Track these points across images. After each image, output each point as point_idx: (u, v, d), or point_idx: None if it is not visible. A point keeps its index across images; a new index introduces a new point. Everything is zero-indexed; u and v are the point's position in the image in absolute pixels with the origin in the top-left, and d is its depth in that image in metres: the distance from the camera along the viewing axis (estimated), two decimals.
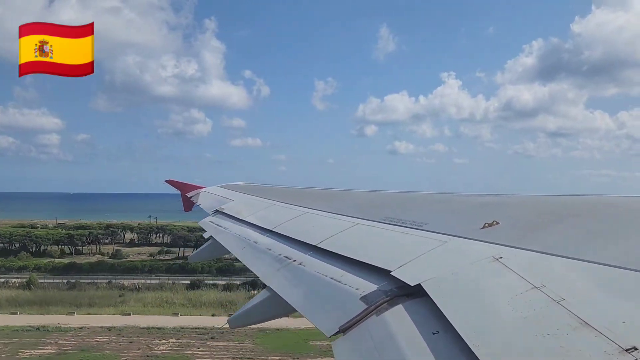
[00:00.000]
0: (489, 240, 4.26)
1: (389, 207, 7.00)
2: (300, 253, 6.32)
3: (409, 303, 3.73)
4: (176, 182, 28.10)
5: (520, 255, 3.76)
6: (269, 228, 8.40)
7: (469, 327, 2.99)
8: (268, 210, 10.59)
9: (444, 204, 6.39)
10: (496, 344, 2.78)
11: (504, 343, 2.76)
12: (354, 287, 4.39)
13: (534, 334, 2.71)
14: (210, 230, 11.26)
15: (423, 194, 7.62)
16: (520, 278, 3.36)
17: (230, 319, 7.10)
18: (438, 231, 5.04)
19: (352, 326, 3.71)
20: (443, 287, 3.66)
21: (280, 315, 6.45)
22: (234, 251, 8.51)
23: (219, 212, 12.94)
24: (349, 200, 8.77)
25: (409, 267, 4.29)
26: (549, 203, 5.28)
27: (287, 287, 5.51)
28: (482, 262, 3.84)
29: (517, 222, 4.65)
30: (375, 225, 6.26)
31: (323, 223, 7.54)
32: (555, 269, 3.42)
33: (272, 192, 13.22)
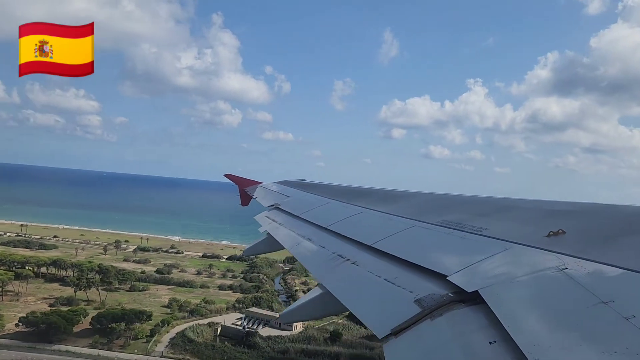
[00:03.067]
0: (554, 249, 4.06)
1: (447, 210, 6.83)
2: (355, 252, 6.29)
3: (465, 309, 3.61)
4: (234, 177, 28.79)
5: (588, 267, 3.55)
6: (324, 226, 8.42)
7: (529, 340, 2.85)
8: (323, 207, 10.62)
9: (507, 209, 6.15)
10: (557, 359, 2.64)
11: (566, 359, 2.62)
12: (408, 290, 4.32)
13: (600, 352, 2.55)
14: (266, 225, 11.44)
15: (483, 198, 7.38)
16: (587, 291, 3.17)
17: (282, 314, 7.20)
18: (499, 237, 4.86)
19: (405, 329, 3.65)
20: (502, 296, 3.52)
21: (331, 313, 6.46)
22: (289, 247, 8.59)
23: (275, 207, 13.13)
24: (405, 201, 8.64)
25: (467, 272, 4.16)
26: (620, 213, 4.96)
27: (340, 286, 5.49)
28: (546, 272, 3.66)
29: (585, 231, 4.40)
30: (432, 228, 6.12)
31: (378, 223, 7.46)
32: (625, 283, 3.20)
33: (328, 190, 13.25)
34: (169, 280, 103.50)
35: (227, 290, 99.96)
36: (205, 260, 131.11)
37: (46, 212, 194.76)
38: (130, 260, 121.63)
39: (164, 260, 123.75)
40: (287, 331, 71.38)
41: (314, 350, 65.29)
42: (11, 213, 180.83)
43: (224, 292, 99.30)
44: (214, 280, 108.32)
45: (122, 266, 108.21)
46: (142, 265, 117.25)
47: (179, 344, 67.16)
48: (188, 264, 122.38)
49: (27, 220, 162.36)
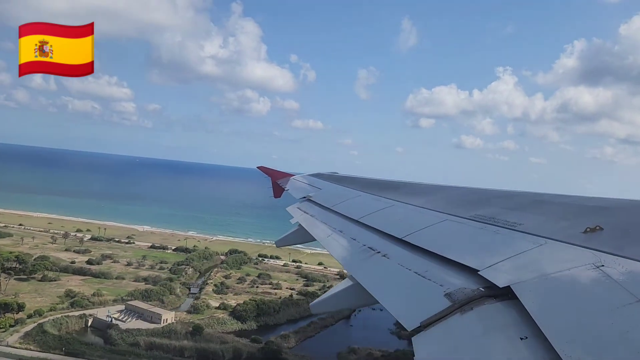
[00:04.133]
0: (591, 246, 3.97)
1: (480, 204, 6.74)
2: (386, 245, 6.29)
3: (497, 305, 3.58)
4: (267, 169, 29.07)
5: (625, 265, 3.46)
6: (355, 218, 8.43)
7: (562, 336, 2.81)
8: (355, 200, 10.62)
9: (541, 204, 6.02)
10: (591, 357, 2.59)
11: (600, 358, 2.57)
12: (439, 284, 4.30)
13: (635, 351, 2.49)
14: (298, 217, 11.53)
15: (517, 192, 7.24)
16: (624, 289, 3.10)
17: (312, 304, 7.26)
18: (534, 233, 4.77)
19: (435, 322, 3.64)
20: (535, 291, 3.47)
21: (361, 305, 6.48)
22: (320, 238, 8.65)
23: (307, 199, 13.21)
24: (437, 195, 8.55)
25: (499, 267, 4.12)
26: None
27: (370, 277, 5.51)
28: (581, 269, 3.59)
29: (623, 228, 4.28)
30: (464, 222, 6.06)
31: (409, 216, 7.43)
32: None
33: (359, 183, 13.23)
34: (86, 271, 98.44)
35: (140, 282, 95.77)
36: (150, 251, 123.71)
37: (36, 200, 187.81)
38: (71, 250, 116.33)
39: (106, 251, 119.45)
40: (155, 324, 70.49)
41: (166, 345, 63.81)
42: (4, 200, 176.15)
43: (137, 283, 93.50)
44: (139, 272, 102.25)
45: (60, 255, 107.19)
46: (80, 255, 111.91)
47: (31, 335, 67.16)
48: (126, 255, 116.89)
49: (12, 208, 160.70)
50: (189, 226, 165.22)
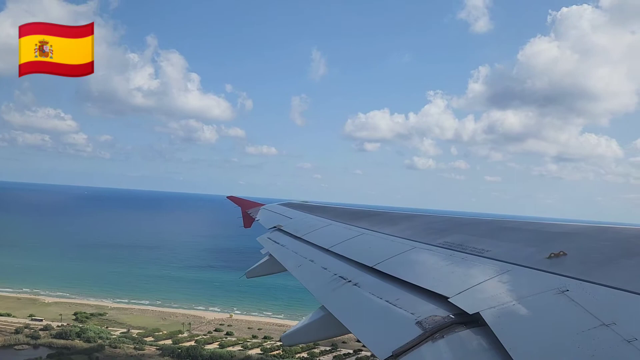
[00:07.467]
0: (555, 271, 4.06)
1: (449, 231, 6.84)
2: (356, 273, 6.27)
3: (467, 332, 3.60)
4: (236, 199, 28.82)
5: (589, 290, 3.55)
6: (326, 247, 8.41)
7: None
8: (325, 229, 10.61)
9: (508, 230, 6.15)
10: None
11: None
12: (410, 312, 4.30)
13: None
14: (268, 247, 11.42)
15: (484, 220, 7.39)
16: (588, 314, 3.17)
17: (283, 336, 7.13)
18: (500, 259, 4.86)
19: (406, 351, 3.63)
20: (504, 318, 3.52)
21: (333, 335, 6.40)
22: (290, 268, 8.57)
23: (277, 229, 13.12)
24: (407, 223, 8.64)
25: (468, 294, 4.16)
26: (621, 234, 4.96)
27: (342, 307, 5.47)
28: (547, 294, 3.66)
29: (586, 253, 4.41)
30: (433, 249, 6.12)
31: (380, 244, 7.46)
32: (628, 306, 3.20)
33: (330, 212, 13.25)
34: None
35: None
36: None
37: None
38: None
39: None
40: None
41: None
42: None
43: None
44: None
45: None
46: None
47: None
48: None
49: None
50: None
